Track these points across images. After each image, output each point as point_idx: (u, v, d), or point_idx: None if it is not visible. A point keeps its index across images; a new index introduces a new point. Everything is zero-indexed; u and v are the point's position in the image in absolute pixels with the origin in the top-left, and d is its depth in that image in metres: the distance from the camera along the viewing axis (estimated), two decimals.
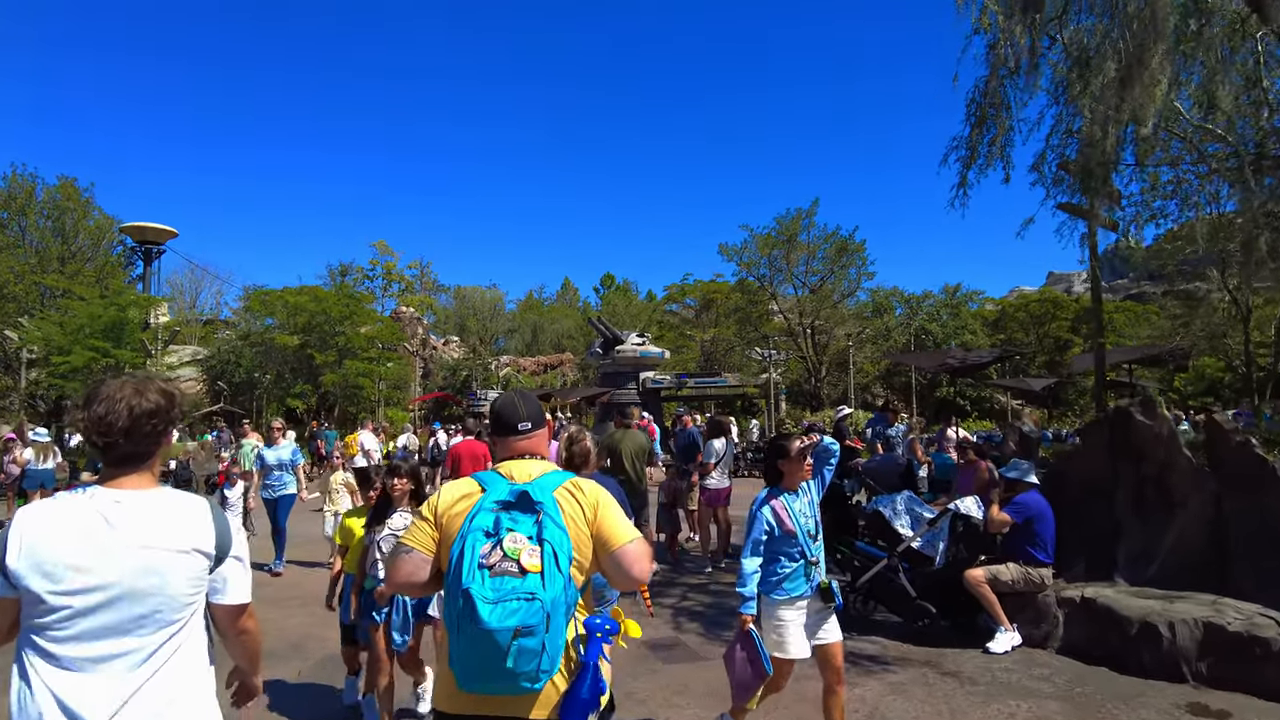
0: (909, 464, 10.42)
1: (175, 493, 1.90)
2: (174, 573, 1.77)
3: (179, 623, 1.81)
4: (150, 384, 1.88)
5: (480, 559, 1.91)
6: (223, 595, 1.90)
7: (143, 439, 1.81)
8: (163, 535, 1.77)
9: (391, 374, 35.07)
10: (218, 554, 1.86)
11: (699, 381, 31.83)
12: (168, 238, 23.32)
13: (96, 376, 19.18)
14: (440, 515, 2.10)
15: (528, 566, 1.90)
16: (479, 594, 1.85)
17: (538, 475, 2.16)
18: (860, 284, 29.26)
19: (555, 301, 73.49)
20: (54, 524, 1.71)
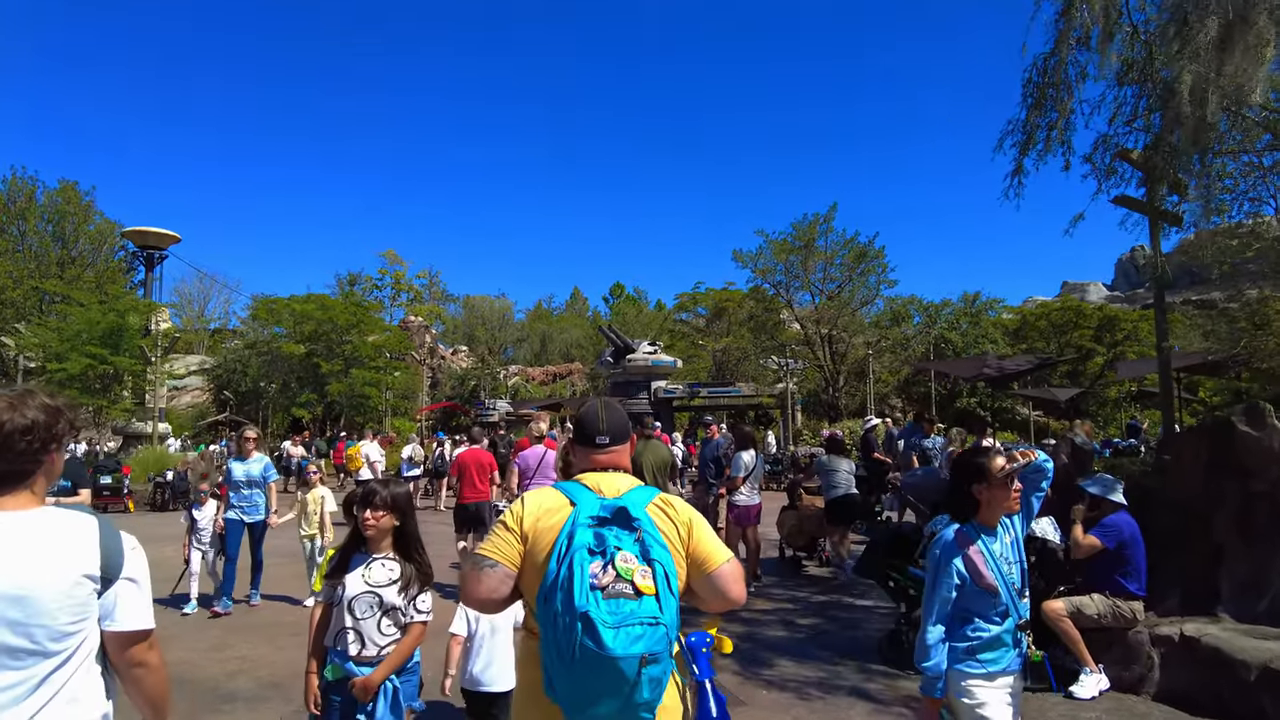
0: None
1: (59, 513, 1.73)
2: (49, 599, 1.62)
3: (61, 654, 1.65)
4: (30, 398, 1.74)
5: (591, 579, 1.79)
6: (112, 621, 1.73)
7: (17, 457, 1.69)
8: (37, 559, 1.63)
9: (399, 383, 34.46)
10: (105, 576, 1.70)
11: (712, 391, 31.07)
12: (170, 243, 22.84)
13: (93, 383, 19.00)
14: (527, 528, 1.99)
15: (642, 588, 1.80)
16: (599, 618, 1.73)
17: (626, 490, 2.06)
18: (879, 291, 28.50)
19: (564, 311, 73.06)
20: None
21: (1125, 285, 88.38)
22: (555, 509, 2.01)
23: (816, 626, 7.28)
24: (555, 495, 2.06)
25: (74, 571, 1.66)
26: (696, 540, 2.02)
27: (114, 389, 18.95)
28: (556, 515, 1.98)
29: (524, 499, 2.08)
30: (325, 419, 35.35)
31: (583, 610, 1.73)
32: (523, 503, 2.06)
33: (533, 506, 2.04)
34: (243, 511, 7.90)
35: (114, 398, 18.80)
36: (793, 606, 7.97)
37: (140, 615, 1.77)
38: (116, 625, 1.73)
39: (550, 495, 2.07)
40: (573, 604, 1.76)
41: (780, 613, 7.71)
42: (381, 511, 3.00)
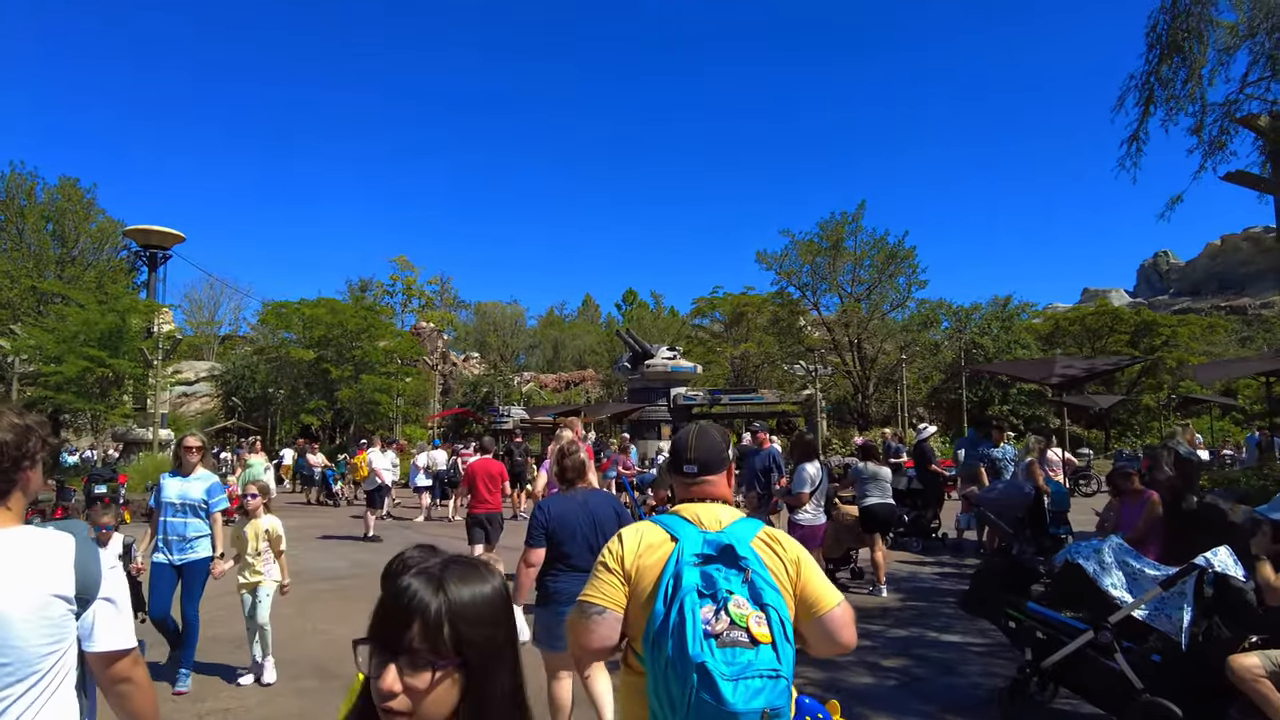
0: (1038, 494, 8.47)
1: (34, 531, 1.71)
2: (20, 620, 1.58)
3: (35, 676, 1.61)
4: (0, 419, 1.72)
5: (704, 625, 1.67)
6: (91, 641, 1.70)
7: None
8: (7, 580, 1.59)
9: (410, 389, 33.53)
10: (81, 596, 1.67)
11: (734, 398, 29.93)
12: (174, 242, 21.99)
13: (90, 387, 18.14)
14: (629, 567, 1.89)
15: (758, 636, 1.68)
16: (716, 669, 1.62)
17: (729, 523, 1.93)
18: (911, 293, 27.27)
19: (576, 318, 72.29)
20: None
21: (1148, 291, 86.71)
22: (656, 545, 1.89)
23: (907, 670, 6.15)
24: (655, 530, 1.93)
25: (46, 592, 1.62)
26: (806, 580, 1.89)
27: (113, 393, 18.04)
28: (658, 552, 1.88)
29: (621, 536, 1.95)
30: (335, 426, 34.52)
31: (699, 661, 1.63)
32: (620, 540, 1.95)
33: (632, 543, 1.92)
34: (172, 550, 5.40)
35: (113, 402, 17.88)
36: (870, 643, 6.82)
37: (120, 635, 1.73)
38: (96, 646, 1.70)
39: (650, 530, 1.94)
40: (686, 653, 1.65)
41: (858, 651, 6.56)
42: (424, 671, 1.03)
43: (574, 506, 3.94)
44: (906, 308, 27.54)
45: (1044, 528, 8.41)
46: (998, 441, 10.61)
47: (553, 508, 3.93)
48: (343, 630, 7.15)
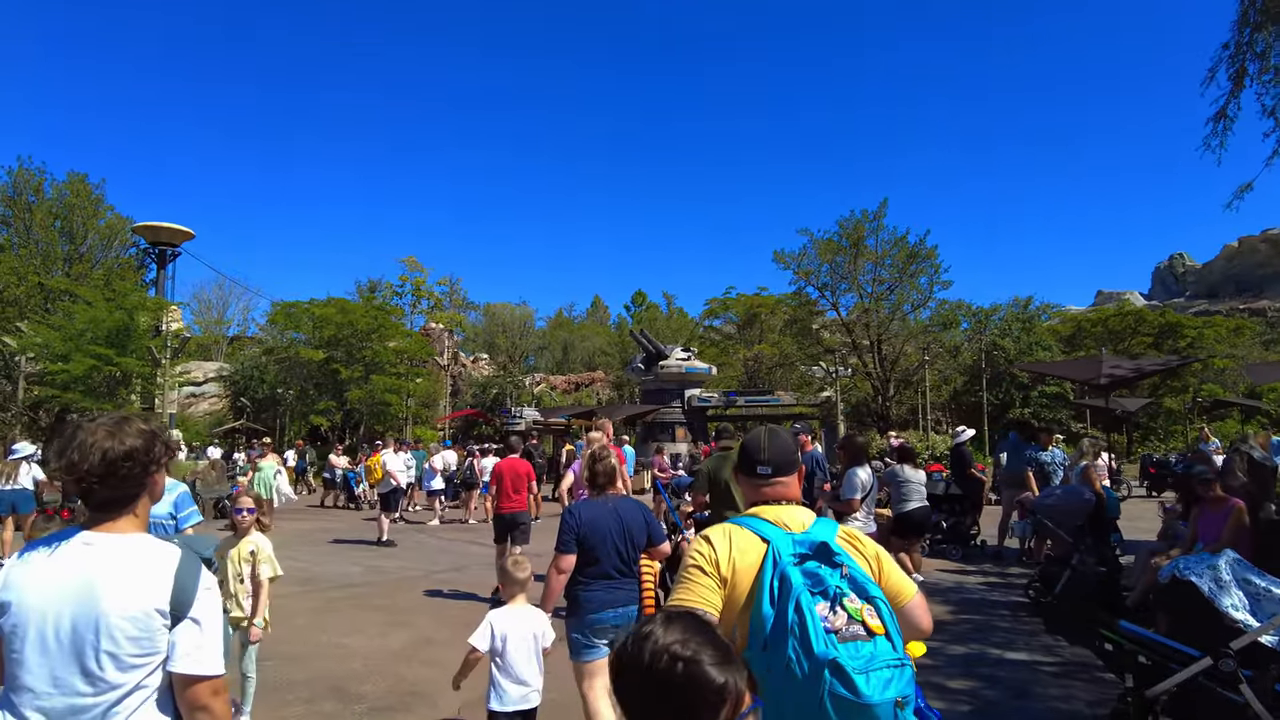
0: (1099, 500, 7.91)
1: (147, 541, 1.72)
2: (116, 628, 1.60)
3: (125, 687, 1.62)
4: (127, 425, 1.75)
5: (824, 622, 1.66)
6: (173, 661, 1.66)
7: (119, 483, 1.70)
8: (116, 586, 1.62)
9: (420, 390, 33.07)
10: (174, 613, 1.65)
11: (750, 399, 29.37)
12: (184, 239, 21.66)
13: (98, 386, 17.75)
14: (725, 570, 1.85)
15: (874, 628, 1.69)
16: (849, 664, 1.60)
17: (810, 523, 1.94)
18: (933, 293, 26.67)
19: (585, 319, 71.89)
20: (30, 565, 1.67)
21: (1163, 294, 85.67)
22: (748, 547, 1.87)
23: (976, 694, 5.61)
24: (743, 532, 1.92)
25: (146, 603, 1.63)
26: (887, 574, 1.92)
27: (120, 392, 17.65)
28: (752, 553, 1.86)
29: (709, 539, 1.92)
30: (344, 427, 34.11)
31: (829, 658, 1.61)
32: (710, 542, 1.91)
33: (724, 545, 1.89)
34: None
35: (120, 402, 17.48)
36: (931, 661, 6.29)
37: (199, 660, 1.68)
38: (175, 666, 1.67)
39: (738, 532, 1.92)
40: (813, 652, 1.63)
41: (922, 671, 6.03)
42: None
43: (605, 512, 3.86)
44: (928, 308, 26.95)
45: (1106, 536, 7.86)
46: (1046, 445, 10.05)
47: (584, 513, 3.84)
48: (358, 643, 6.69)
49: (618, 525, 3.84)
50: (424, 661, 6.21)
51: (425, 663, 6.16)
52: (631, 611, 3.89)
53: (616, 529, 3.82)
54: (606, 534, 3.80)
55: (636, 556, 3.96)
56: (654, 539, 4.04)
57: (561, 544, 3.78)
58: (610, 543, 3.79)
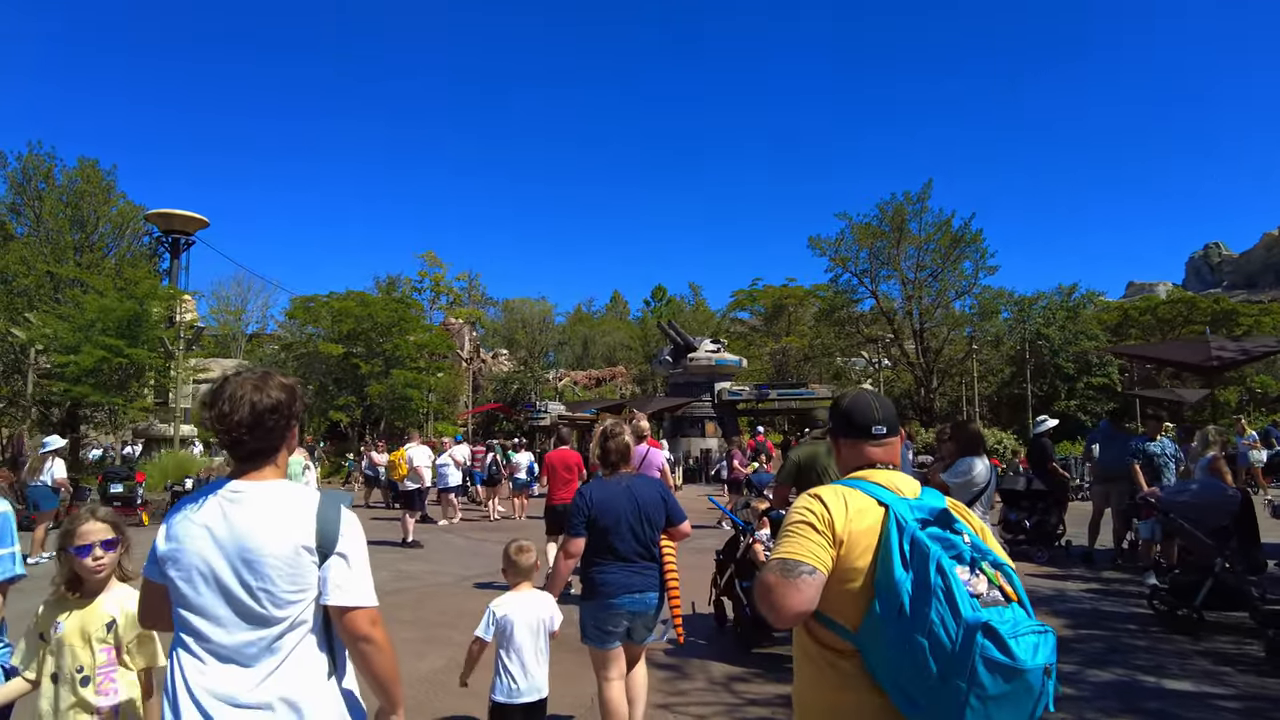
0: (1245, 498, 6.75)
1: (289, 486, 1.83)
2: (275, 568, 1.70)
3: (284, 622, 1.72)
4: (270, 379, 1.84)
5: (969, 588, 1.56)
6: (327, 595, 1.76)
7: (266, 434, 1.79)
8: (268, 529, 1.72)
9: (441, 385, 32.27)
10: (321, 549, 1.75)
11: (783, 393, 28.27)
12: (198, 227, 20.91)
13: (108, 379, 17.01)
14: (840, 530, 1.71)
15: (1010, 594, 1.61)
16: (1003, 629, 1.51)
17: (919, 490, 1.84)
18: (978, 279, 25.30)
19: (604, 314, 71.28)
20: (188, 514, 1.75)
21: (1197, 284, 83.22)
22: (864, 509, 1.75)
23: None
24: (857, 494, 1.78)
25: (293, 541, 1.73)
26: (992, 545, 1.78)
27: (132, 385, 16.89)
28: (869, 516, 1.73)
29: (821, 497, 1.78)
30: (365, 423, 33.43)
31: (981, 621, 1.50)
32: (821, 501, 1.77)
33: (838, 505, 1.75)
34: None
35: (131, 395, 16.73)
36: (1075, 691, 5.20)
37: (350, 591, 1.76)
38: (329, 599, 1.75)
39: (852, 494, 1.78)
40: (961, 615, 1.52)
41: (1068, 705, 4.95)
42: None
43: (618, 492, 3.67)
44: (973, 294, 25.61)
45: (1256, 538, 6.70)
46: (1154, 435, 8.85)
47: (595, 494, 3.66)
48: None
49: (632, 505, 3.64)
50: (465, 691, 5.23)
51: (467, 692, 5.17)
52: (650, 598, 3.68)
53: (631, 509, 3.63)
54: (621, 515, 3.61)
55: (655, 538, 3.72)
56: (673, 518, 3.78)
57: (571, 527, 3.61)
58: (625, 524, 3.60)
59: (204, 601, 1.69)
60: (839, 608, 1.70)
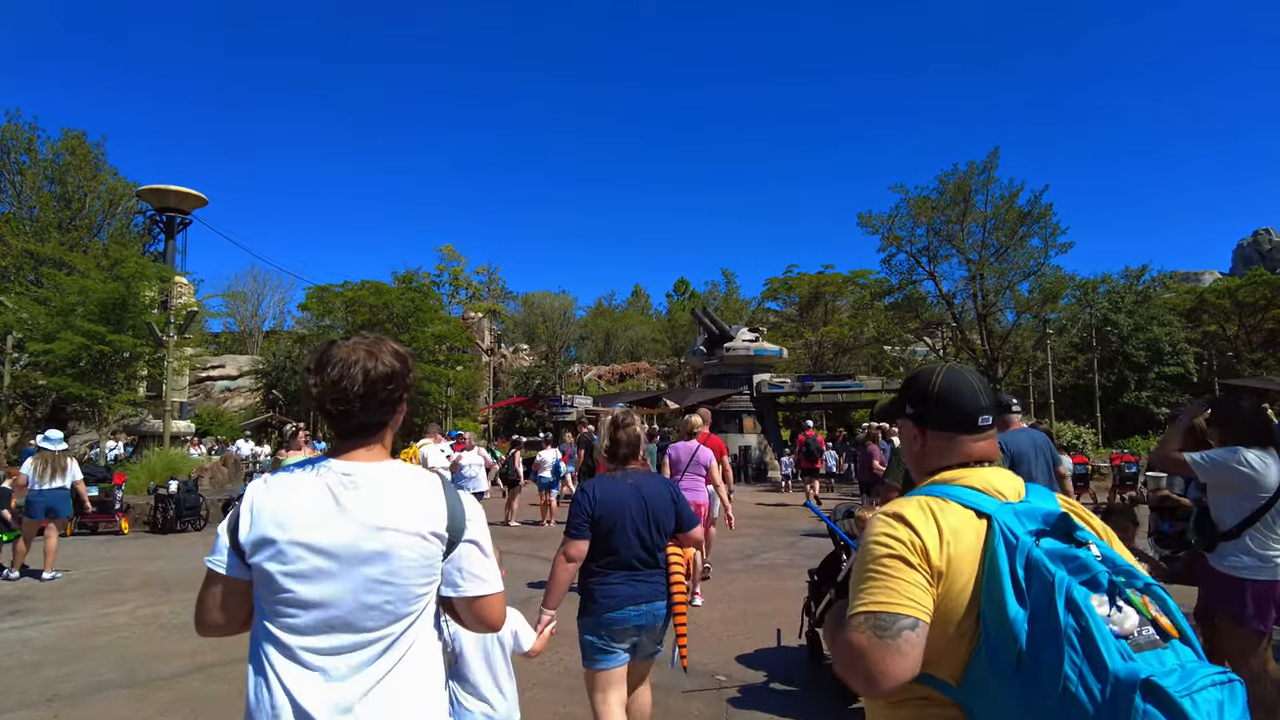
0: None
1: (405, 467, 1.63)
2: (406, 559, 1.52)
3: (410, 617, 1.55)
4: (383, 345, 1.63)
5: (1113, 627, 1.15)
6: (460, 588, 1.60)
7: (379, 407, 1.59)
8: (394, 515, 1.53)
9: (461, 378, 30.61)
10: (450, 537, 1.58)
11: (828, 385, 26.15)
12: (196, 205, 19.17)
13: (90, 369, 15.43)
14: (937, 559, 1.28)
15: (1167, 628, 1.18)
16: (1169, 685, 1.08)
17: (1023, 489, 1.41)
18: (1047, 258, 22.92)
19: (626, 308, 69.88)
20: (286, 498, 1.53)
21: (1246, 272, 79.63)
22: (961, 525, 1.32)
23: None
24: (950, 505, 1.35)
25: (425, 529, 1.55)
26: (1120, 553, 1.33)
27: (118, 376, 15.19)
28: (968, 534, 1.31)
29: (904, 517, 1.34)
30: None
31: (1136, 676, 1.08)
32: (907, 522, 1.32)
33: (927, 524, 1.31)
34: None
35: (116, 387, 15.04)
36: None
37: (486, 580, 1.63)
38: (465, 590, 1.61)
39: (942, 505, 1.35)
40: (1106, 667, 1.11)
41: None
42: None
43: (624, 490, 3.24)
44: (1043, 275, 23.22)
45: None
46: None
47: (599, 491, 3.23)
48: None
49: (640, 506, 3.22)
50: None
51: None
52: (658, 608, 3.24)
53: (638, 511, 3.21)
54: (626, 516, 3.19)
55: (662, 544, 3.29)
56: (684, 523, 3.34)
57: (573, 528, 3.17)
58: (631, 527, 3.18)
59: (316, 598, 1.47)
60: (934, 657, 1.27)
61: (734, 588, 7.81)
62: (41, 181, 16.77)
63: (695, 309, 30.99)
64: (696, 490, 7.29)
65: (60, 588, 8.20)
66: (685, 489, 7.15)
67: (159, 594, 7.82)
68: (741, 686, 4.83)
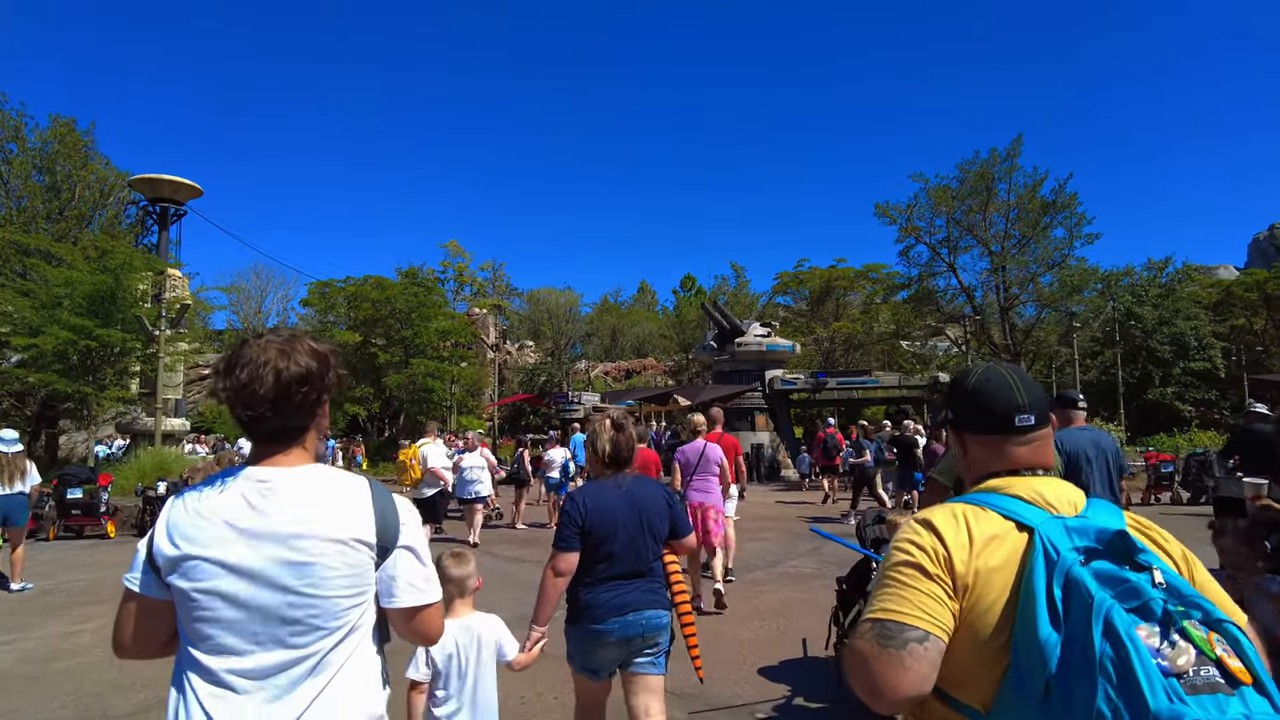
0: None
1: (330, 471, 1.51)
2: (328, 569, 1.41)
3: (339, 631, 1.43)
4: (298, 344, 1.50)
5: (1156, 659, 1.01)
6: (394, 598, 1.50)
7: (294, 411, 1.47)
8: (314, 522, 1.42)
9: (466, 375, 29.97)
10: (381, 544, 1.47)
11: (842, 381, 25.36)
12: (190, 195, 18.52)
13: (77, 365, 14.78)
14: (962, 571, 1.19)
15: (1235, 672, 1.02)
16: None
17: (1081, 502, 1.27)
18: (1072, 249, 22.06)
19: (632, 305, 69.36)
20: (199, 512, 1.42)
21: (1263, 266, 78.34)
22: (998, 537, 1.21)
23: None
24: (987, 514, 1.25)
25: (350, 536, 1.44)
26: (1202, 583, 1.19)
27: (106, 372, 14.56)
28: (1005, 547, 1.20)
29: (931, 523, 1.25)
30: (383, 416, 31.35)
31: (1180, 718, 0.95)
32: (933, 529, 1.24)
33: (955, 533, 1.22)
34: None
35: (104, 383, 14.41)
36: None
37: (423, 589, 1.52)
38: (400, 600, 1.50)
39: (976, 514, 1.25)
40: (1146, 706, 0.97)
41: None
42: None
43: (616, 498, 3.06)
44: (1067, 267, 22.37)
45: None
46: None
47: (589, 499, 3.04)
48: None
49: (633, 514, 3.03)
50: None
51: None
52: (649, 616, 3.00)
53: (632, 519, 3.02)
54: (618, 524, 3.00)
55: (659, 551, 3.13)
56: (678, 530, 3.17)
57: (561, 539, 2.97)
58: (623, 534, 3.00)
59: (234, 616, 1.38)
60: (962, 679, 1.18)
61: (760, 602, 7.11)
62: (29, 170, 16.14)
63: (705, 303, 30.22)
64: (709, 492, 6.94)
65: (27, 600, 7.55)
66: (696, 491, 6.89)
67: None
68: (764, 703, 4.55)
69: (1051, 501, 1.26)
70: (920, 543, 1.23)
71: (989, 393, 1.37)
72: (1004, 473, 1.34)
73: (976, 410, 1.38)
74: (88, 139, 16.86)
